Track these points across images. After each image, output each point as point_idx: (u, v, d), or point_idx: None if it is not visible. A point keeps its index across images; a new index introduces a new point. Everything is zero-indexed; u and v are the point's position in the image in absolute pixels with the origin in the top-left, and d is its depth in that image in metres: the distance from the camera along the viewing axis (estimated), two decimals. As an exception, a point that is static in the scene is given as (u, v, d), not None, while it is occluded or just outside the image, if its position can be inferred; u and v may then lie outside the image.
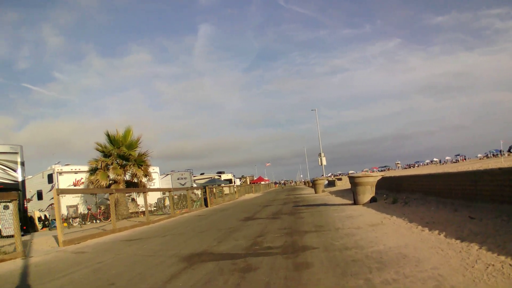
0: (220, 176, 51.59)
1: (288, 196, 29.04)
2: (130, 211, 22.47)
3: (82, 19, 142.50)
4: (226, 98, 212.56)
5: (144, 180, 20.67)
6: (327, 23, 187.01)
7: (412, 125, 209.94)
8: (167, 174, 33.79)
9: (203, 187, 30.95)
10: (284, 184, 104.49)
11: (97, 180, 18.68)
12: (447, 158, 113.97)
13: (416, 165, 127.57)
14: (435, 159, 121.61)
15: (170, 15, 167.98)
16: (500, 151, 65.63)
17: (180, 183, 33.52)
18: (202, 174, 53.28)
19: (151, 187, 27.15)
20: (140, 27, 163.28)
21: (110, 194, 14.93)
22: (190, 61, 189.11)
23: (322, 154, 39.63)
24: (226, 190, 45.06)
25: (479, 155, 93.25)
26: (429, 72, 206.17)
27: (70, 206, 19.88)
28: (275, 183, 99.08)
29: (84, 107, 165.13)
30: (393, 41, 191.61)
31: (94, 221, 20.26)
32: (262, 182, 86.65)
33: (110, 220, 21.20)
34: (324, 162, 39.56)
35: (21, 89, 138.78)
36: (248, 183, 76.53)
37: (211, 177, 50.41)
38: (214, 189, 37.91)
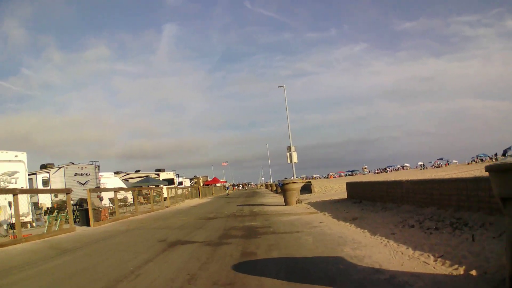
0: (158, 174, 39.45)
1: (241, 208, 17.79)
2: None
3: (42, 9, 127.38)
4: (189, 99, 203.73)
5: None
6: (292, 26, 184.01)
7: (376, 130, 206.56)
8: (60, 168, 21.53)
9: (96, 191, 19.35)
10: (243, 186, 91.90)
11: None
12: (419, 163, 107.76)
13: (388, 169, 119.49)
14: (406, 164, 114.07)
15: (133, 12, 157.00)
16: (495, 154, 57.63)
17: (79, 181, 21.45)
18: (137, 171, 40.87)
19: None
20: (100, 21, 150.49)
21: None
22: (152, 60, 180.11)
23: (293, 148, 28.72)
24: (164, 193, 33.49)
25: (454, 161, 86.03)
26: (395, 77, 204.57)
27: None
28: (233, 185, 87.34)
29: (46, 102, 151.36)
30: (359, 45, 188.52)
31: None
32: (218, 184, 74.97)
33: None
34: (295, 159, 28.71)
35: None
36: (201, 184, 64.61)
37: (147, 176, 38.29)
38: (151, 190, 26.23)
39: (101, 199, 19.90)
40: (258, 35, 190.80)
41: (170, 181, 38.57)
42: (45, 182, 20.91)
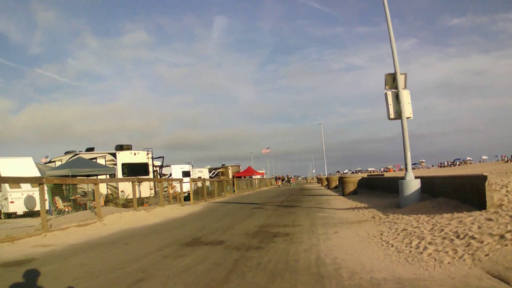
0: (114, 155, 21.44)
1: None
2: None
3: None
4: (239, 90, 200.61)
5: None
6: (344, 20, 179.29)
7: (425, 125, 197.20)
8: None
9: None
10: (284, 179, 71.87)
11: None
12: (483, 157, 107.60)
13: (457, 163, 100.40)
14: (468, 158, 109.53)
15: (186, 6, 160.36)
16: None
17: None
18: (90, 149, 22.88)
19: None
20: (144, 5, 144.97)
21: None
22: (203, 51, 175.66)
23: (401, 80, 10.15)
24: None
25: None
26: (444, 73, 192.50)
27: None
28: (276, 178, 69.10)
29: (84, 90, 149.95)
30: (409, 40, 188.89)
31: None
32: (257, 176, 57.33)
33: None
34: (409, 110, 10.18)
35: (14, 69, 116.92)
36: (230, 176, 47.08)
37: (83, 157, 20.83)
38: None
39: None
40: (309, 28, 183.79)
41: (140, 168, 21.09)
42: None
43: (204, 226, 9.63)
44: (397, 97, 10.23)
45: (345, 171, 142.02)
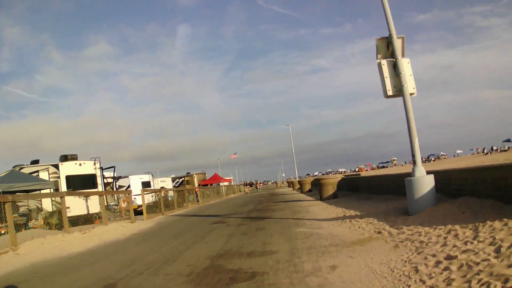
0: (58, 167, 17.81)
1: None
2: None
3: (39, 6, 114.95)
4: (205, 98, 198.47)
5: None
6: (307, 22, 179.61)
7: (395, 124, 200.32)
8: None
9: None
10: (252, 185, 68.32)
11: None
12: (458, 151, 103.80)
13: (431, 158, 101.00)
14: (442, 153, 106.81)
15: (148, 15, 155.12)
16: None
17: None
18: (35, 162, 19.11)
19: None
20: (107, 16, 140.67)
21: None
22: (168, 60, 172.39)
23: (399, 45, 7.64)
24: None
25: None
26: (412, 70, 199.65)
27: None
28: (245, 184, 65.96)
29: (53, 106, 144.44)
30: (373, 39, 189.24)
31: None
32: (224, 183, 54.09)
33: None
34: (412, 85, 7.64)
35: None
36: (196, 185, 43.75)
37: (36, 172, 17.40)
38: None
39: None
40: (273, 32, 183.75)
41: (86, 180, 17.83)
42: None
43: (137, 257, 6.63)
44: (394, 68, 7.62)
45: (315, 173, 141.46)
